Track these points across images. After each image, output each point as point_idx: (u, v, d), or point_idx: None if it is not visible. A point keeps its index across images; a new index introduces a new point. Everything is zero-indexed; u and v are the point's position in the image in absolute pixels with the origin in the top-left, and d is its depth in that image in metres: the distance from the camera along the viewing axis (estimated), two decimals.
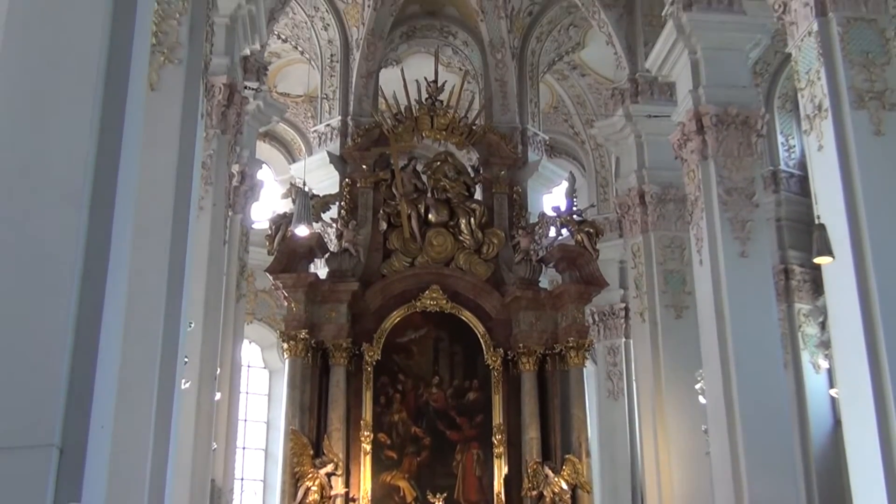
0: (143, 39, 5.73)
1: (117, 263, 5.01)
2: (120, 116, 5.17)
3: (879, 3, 9.78)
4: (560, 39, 20.05)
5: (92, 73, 5.05)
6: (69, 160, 4.87)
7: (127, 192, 5.24)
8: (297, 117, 22.12)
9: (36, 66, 5.01)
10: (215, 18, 9.96)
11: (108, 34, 5.20)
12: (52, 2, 5.15)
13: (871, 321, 8.80)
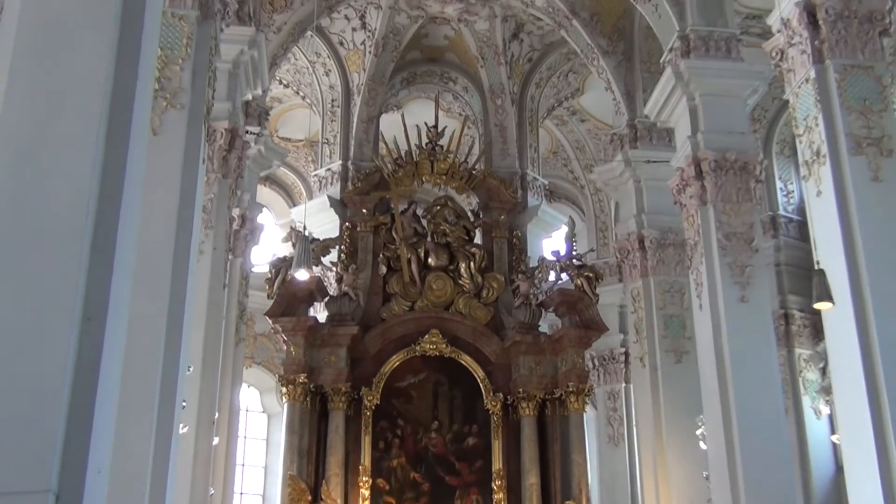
0: (146, 84, 5.78)
1: (117, 306, 5.00)
2: (122, 161, 5.19)
3: (876, 51, 9.87)
4: (559, 85, 20.23)
5: (94, 117, 5.09)
6: (71, 204, 4.88)
7: (127, 235, 5.25)
8: (297, 161, 22.24)
9: (39, 109, 5.04)
10: (218, 64, 10.04)
11: (111, 79, 5.24)
12: (56, 46, 5.20)
13: (871, 367, 8.77)
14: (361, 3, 17.90)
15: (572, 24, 17.25)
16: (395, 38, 18.58)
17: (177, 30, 8.59)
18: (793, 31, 10.02)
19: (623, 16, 17.29)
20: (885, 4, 9.97)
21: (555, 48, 19.23)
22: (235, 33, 12.56)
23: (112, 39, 5.30)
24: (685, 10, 14.16)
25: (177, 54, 8.50)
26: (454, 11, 18.04)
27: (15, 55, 5.13)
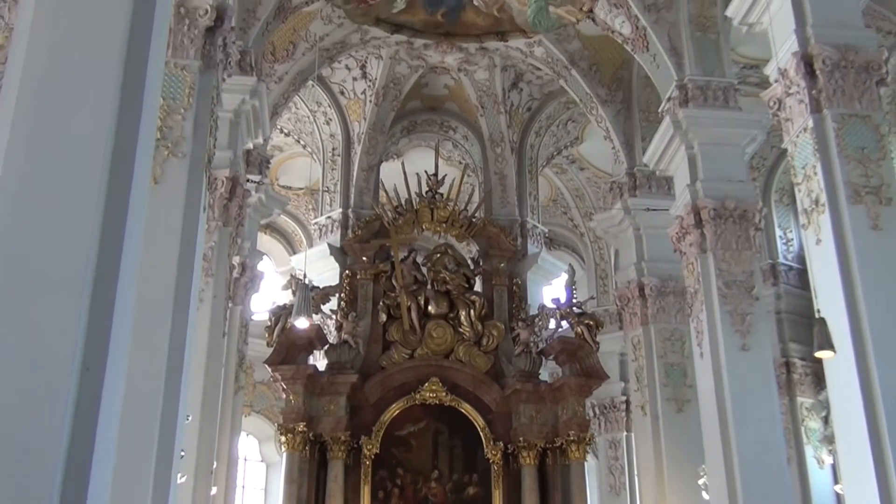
0: (149, 134, 5.82)
1: (116, 356, 5.00)
2: (123, 210, 5.22)
3: (873, 100, 9.94)
4: (559, 134, 20.36)
5: (96, 167, 5.12)
6: (71, 253, 4.90)
7: (127, 285, 5.25)
8: (298, 209, 22.29)
9: (42, 158, 5.08)
10: (219, 113, 10.12)
11: (113, 129, 5.28)
12: (59, 96, 5.25)
13: (874, 416, 8.72)
14: (362, 54, 18.07)
15: (571, 74, 17.41)
16: (396, 87, 18.74)
17: (179, 80, 8.67)
18: (790, 81, 10.10)
19: (622, 66, 17.45)
20: (881, 55, 10.06)
21: (554, 97, 19.38)
22: (237, 83, 12.65)
23: (115, 90, 5.35)
24: (683, 60, 14.30)
25: (179, 104, 8.57)
26: (454, 61, 18.21)
27: (19, 103, 5.18)
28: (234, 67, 11.90)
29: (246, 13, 14.01)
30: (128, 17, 5.56)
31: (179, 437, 7.99)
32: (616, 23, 15.25)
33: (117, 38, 5.47)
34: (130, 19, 5.57)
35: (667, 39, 14.44)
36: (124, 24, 5.53)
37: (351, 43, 17.30)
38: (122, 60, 5.44)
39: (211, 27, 9.28)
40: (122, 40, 5.49)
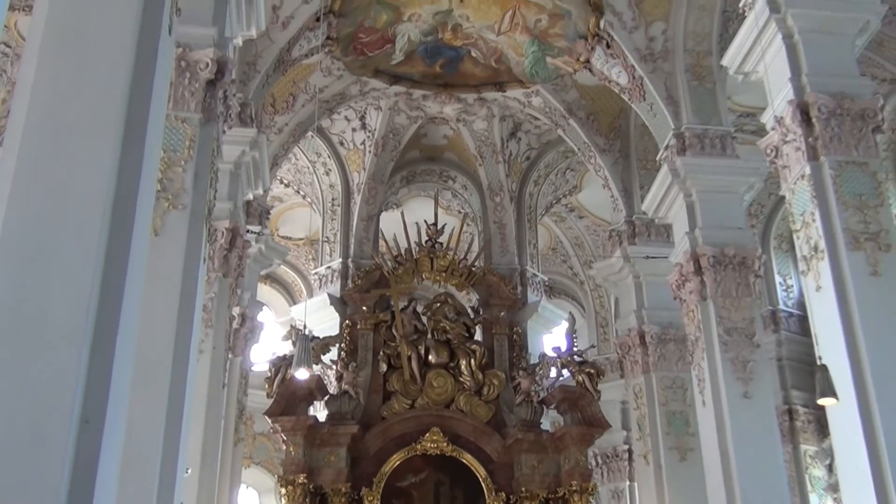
0: (149, 187, 5.85)
1: (115, 409, 4.98)
2: (123, 262, 5.23)
3: (870, 147, 9.98)
4: (557, 183, 20.45)
5: (96, 219, 5.14)
6: (71, 305, 4.90)
7: (127, 335, 5.25)
8: (298, 260, 22.33)
9: (42, 210, 5.11)
10: (220, 165, 10.17)
11: (114, 181, 5.31)
12: (60, 149, 5.29)
13: (878, 463, 8.65)
14: (362, 105, 18.22)
15: (569, 124, 17.53)
16: (395, 137, 18.86)
17: (180, 132, 8.73)
18: (787, 129, 10.15)
19: (619, 115, 17.58)
20: (877, 102, 10.13)
21: (552, 146, 19.50)
22: (237, 134, 12.74)
23: (116, 143, 5.39)
24: (680, 108, 14.42)
25: (180, 156, 8.61)
26: (453, 112, 18.35)
27: (20, 156, 5.21)
28: (235, 119, 11.99)
29: (246, 66, 14.16)
30: (129, 70, 5.62)
31: (179, 490, 7.92)
32: (613, 73, 15.40)
33: (119, 92, 5.52)
34: (132, 73, 5.63)
35: (663, 89, 14.58)
36: (126, 77, 5.58)
37: (350, 94, 17.44)
38: (123, 114, 5.49)
39: (212, 80, 9.36)
40: (124, 94, 5.54)
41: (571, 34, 15.71)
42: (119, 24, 5.73)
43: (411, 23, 15.97)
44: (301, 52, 15.16)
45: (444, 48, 16.59)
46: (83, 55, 5.57)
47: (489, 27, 16.06)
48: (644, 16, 14.68)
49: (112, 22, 5.73)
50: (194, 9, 8.98)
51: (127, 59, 5.62)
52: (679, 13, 14.49)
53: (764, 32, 10.58)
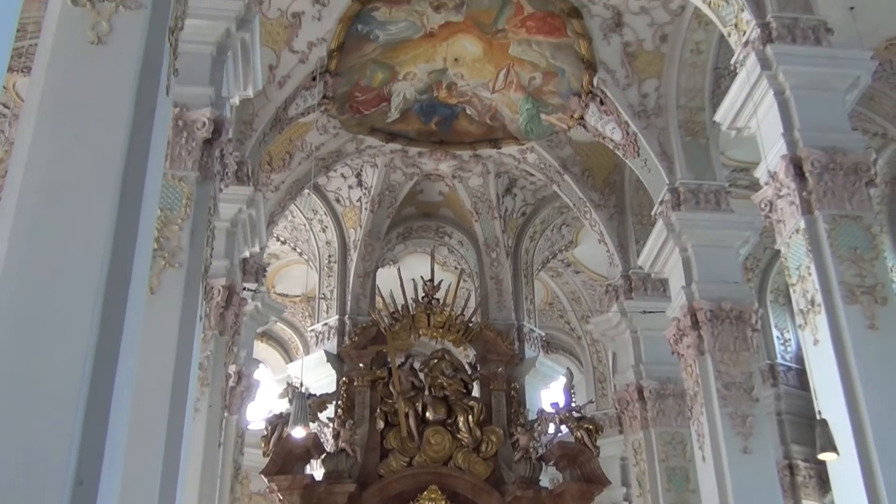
0: (146, 246, 5.86)
1: (110, 470, 4.93)
2: (119, 321, 5.21)
3: (864, 201, 10.01)
4: (553, 238, 20.51)
5: (93, 278, 5.14)
6: (67, 364, 4.88)
7: (123, 396, 5.22)
8: (294, 317, 22.29)
9: (39, 270, 5.10)
10: (216, 223, 10.18)
11: (111, 240, 5.32)
12: (57, 208, 5.30)
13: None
14: (358, 162, 18.33)
15: (564, 179, 17.63)
16: (391, 194, 18.95)
17: (177, 191, 8.76)
18: (780, 184, 10.21)
19: (613, 170, 17.69)
20: (869, 156, 10.19)
21: (548, 202, 19.59)
22: (234, 192, 12.78)
23: (113, 202, 5.41)
24: (674, 164, 14.52)
25: (176, 214, 8.64)
26: (448, 168, 18.45)
27: (17, 215, 5.22)
28: (232, 178, 12.05)
29: (243, 125, 14.27)
30: (126, 130, 5.66)
31: None
32: (607, 129, 15.54)
33: (116, 152, 5.55)
34: (129, 133, 5.66)
35: (657, 144, 14.69)
36: (123, 137, 5.62)
37: (346, 152, 17.56)
38: (120, 173, 5.51)
39: (209, 139, 9.42)
40: (121, 153, 5.57)
41: (565, 91, 15.88)
42: (117, 84, 5.79)
43: (407, 81, 16.14)
44: (297, 110, 15.29)
45: (439, 106, 16.75)
46: (81, 115, 5.61)
47: (484, 85, 16.23)
48: (637, 73, 14.85)
49: (110, 82, 5.78)
50: (192, 69, 9.07)
51: (124, 120, 5.66)
52: (671, 70, 14.67)
53: (756, 89, 10.68)
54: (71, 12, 5.96)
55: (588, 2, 14.30)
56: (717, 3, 11.60)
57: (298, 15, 14.32)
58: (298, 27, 14.44)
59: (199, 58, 9.67)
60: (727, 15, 11.52)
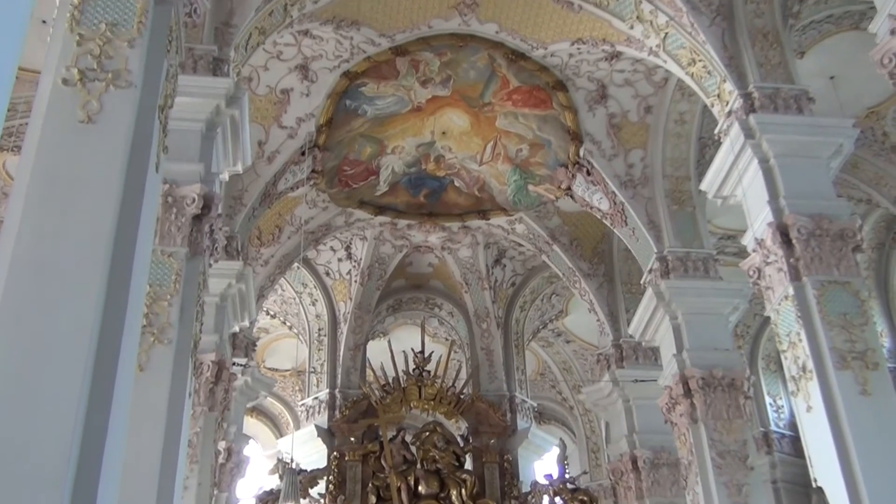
0: (135, 322, 5.84)
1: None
2: (107, 399, 5.18)
3: (851, 267, 10.06)
4: (543, 308, 20.51)
5: (81, 356, 5.11)
6: (54, 443, 4.82)
7: (111, 475, 5.16)
8: (284, 391, 22.13)
9: (27, 347, 5.08)
10: (206, 298, 10.16)
11: (99, 318, 5.31)
12: (46, 285, 5.29)
13: None
14: (347, 235, 18.38)
15: (553, 249, 17.70)
16: (381, 267, 18.97)
17: (166, 267, 8.75)
18: (768, 251, 10.26)
19: (602, 240, 17.77)
20: (854, 222, 10.26)
21: (537, 272, 19.63)
22: (224, 267, 12.78)
23: (102, 280, 5.40)
24: (662, 233, 14.61)
25: (165, 290, 8.62)
26: (437, 240, 18.51)
27: (6, 292, 5.21)
28: (221, 252, 12.07)
29: (232, 200, 14.34)
30: (116, 208, 5.68)
31: None
32: (594, 199, 15.65)
33: (105, 229, 5.57)
34: (119, 210, 5.68)
35: (644, 214, 14.80)
36: (113, 215, 5.63)
37: (336, 225, 17.62)
38: (109, 250, 5.52)
39: (198, 215, 9.44)
40: (111, 231, 5.58)
41: (552, 162, 16.03)
42: (106, 162, 5.82)
43: (395, 155, 16.29)
44: (287, 185, 15.38)
45: (427, 178, 16.88)
46: (70, 193, 5.63)
47: (471, 157, 16.38)
48: (622, 144, 15.03)
49: (99, 161, 5.81)
50: (181, 146, 9.15)
51: (114, 197, 5.69)
52: (656, 141, 14.85)
53: (740, 158, 10.80)
54: (61, 92, 6.02)
55: (573, 75, 14.52)
56: (700, 74, 11.80)
57: (287, 91, 14.51)
58: (287, 103, 14.62)
59: (189, 134, 9.75)
60: (710, 86, 11.71)
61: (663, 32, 12.02)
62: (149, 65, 6.38)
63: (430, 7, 13.44)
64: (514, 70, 14.63)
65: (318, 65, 14.32)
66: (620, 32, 12.71)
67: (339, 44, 13.95)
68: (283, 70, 14.27)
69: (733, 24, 11.52)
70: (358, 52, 14.16)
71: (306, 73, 14.36)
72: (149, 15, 6.53)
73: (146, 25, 6.47)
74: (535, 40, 13.88)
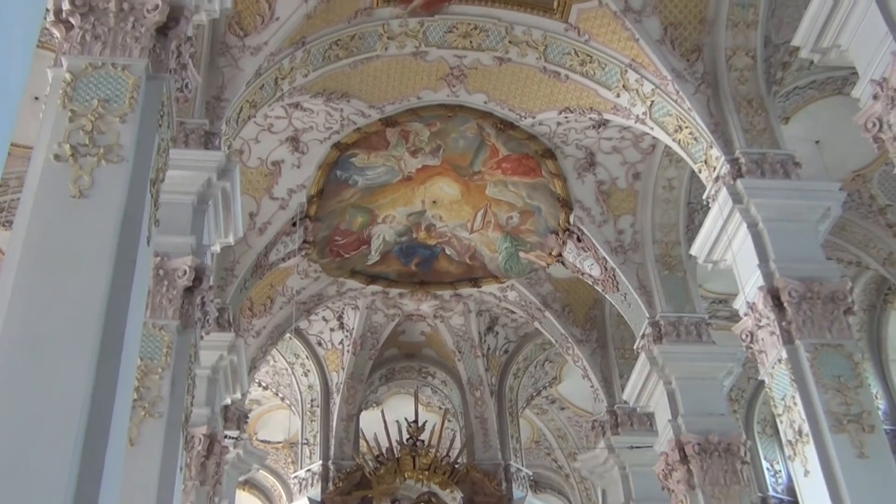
0: (125, 396, 5.80)
1: None
2: (98, 475, 5.11)
3: (843, 329, 10.05)
4: (537, 375, 20.44)
5: (71, 431, 5.06)
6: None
7: None
8: (277, 463, 21.90)
9: (17, 422, 5.03)
10: (197, 371, 10.09)
11: (90, 391, 5.26)
12: (37, 359, 5.27)
13: None
14: (339, 305, 18.37)
15: (545, 316, 17.69)
16: (373, 336, 18.93)
17: (157, 340, 8.71)
18: (760, 314, 10.26)
19: (594, 305, 17.79)
20: (845, 285, 10.27)
21: (530, 339, 19.61)
22: (215, 339, 12.72)
23: (93, 354, 5.38)
24: (653, 298, 14.62)
25: (156, 364, 8.56)
26: (429, 308, 18.51)
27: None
28: (213, 324, 12.00)
29: (224, 272, 14.34)
30: (107, 282, 5.67)
31: None
32: (585, 265, 15.70)
33: (96, 303, 5.55)
34: (110, 284, 5.67)
35: (635, 279, 14.83)
36: (104, 289, 5.62)
37: (327, 295, 17.62)
38: (101, 324, 5.49)
39: (189, 287, 9.42)
40: (102, 304, 5.56)
41: (542, 229, 16.11)
42: (98, 236, 5.83)
43: (386, 224, 16.36)
44: (278, 256, 15.41)
45: (418, 247, 16.94)
46: (62, 268, 5.63)
47: (462, 225, 16.46)
48: (612, 210, 15.13)
49: (91, 235, 5.82)
50: (173, 219, 9.17)
51: (105, 271, 5.68)
52: (645, 206, 14.96)
53: (729, 222, 10.87)
54: (53, 167, 6.05)
55: (561, 143, 14.67)
56: (687, 140, 11.93)
57: (278, 163, 14.62)
58: (278, 175, 14.72)
59: (181, 207, 9.78)
60: (697, 152, 11.83)
61: (649, 100, 12.18)
62: (140, 139, 6.42)
63: (419, 79, 13.61)
64: (503, 139, 14.78)
65: (308, 136, 14.45)
66: (607, 101, 12.88)
67: (329, 116, 14.09)
68: (274, 142, 14.39)
69: (718, 92, 11.68)
70: (348, 123, 14.30)
71: (297, 145, 14.49)
72: (141, 90, 6.60)
73: (138, 101, 6.53)
74: (523, 109, 14.05)
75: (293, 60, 11.92)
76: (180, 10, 7.23)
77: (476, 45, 12.92)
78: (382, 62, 13.06)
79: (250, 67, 11.30)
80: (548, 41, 12.62)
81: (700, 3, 11.69)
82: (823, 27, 8.35)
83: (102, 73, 6.60)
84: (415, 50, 12.91)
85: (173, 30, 7.16)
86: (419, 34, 12.68)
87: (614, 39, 12.08)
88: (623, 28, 11.85)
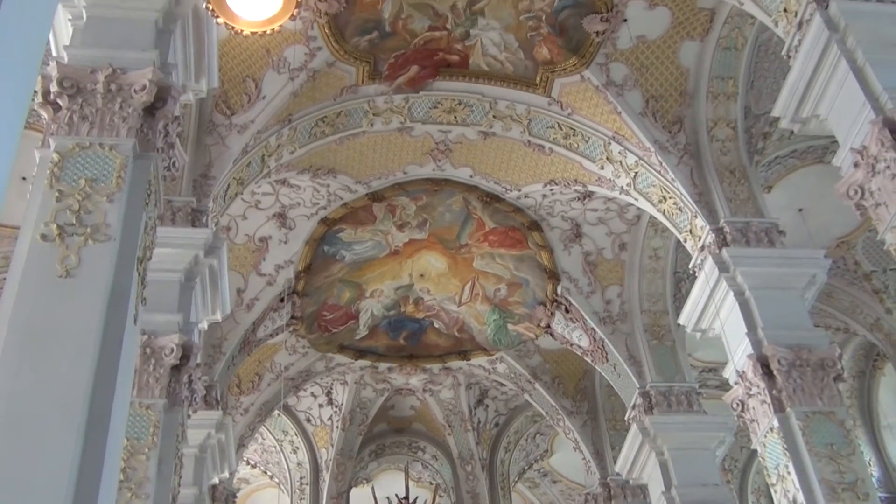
0: (111, 477, 5.71)
1: None
2: None
3: (834, 396, 10.02)
4: (528, 448, 20.26)
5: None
6: None
7: None
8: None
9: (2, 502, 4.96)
10: (184, 450, 9.97)
11: (76, 473, 5.19)
12: (22, 439, 5.21)
13: None
14: (327, 380, 18.25)
15: (535, 388, 17.61)
16: (362, 411, 18.79)
17: (144, 419, 8.60)
18: (750, 383, 10.23)
19: (584, 376, 17.72)
20: (834, 351, 10.26)
21: (520, 411, 19.49)
22: (203, 417, 12.58)
23: (78, 434, 5.32)
24: (643, 368, 14.59)
25: (143, 443, 8.45)
26: (419, 382, 18.41)
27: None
28: (200, 402, 11.88)
29: (212, 348, 14.25)
30: (93, 361, 5.63)
31: None
32: (574, 336, 15.68)
33: (82, 383, 5.50)
34: (96, 363, 5.63)
35: (625, 349, 14.81)
36: (90, 368, 5.58)
37: (316, 371, 17.51)
38: (87, 404, 5.44)
39: (177, 365, 9.35)
40: (87, 383, 5.51)
41: (530, 301, 16.12)
42: (84, 316, 5.80)
43: (374, 299, 16.35)
44: (266, 332, 15.35)
45: (407, 321, 16.91)
46: (47, 347, 5.59)
47: (450, 299, 16.46)
48: (599, 281, 15.17)
49: (77, 314, 5.79)
50: (160, 297, 9.12)
51: (91, 351, 5.65)
52: (632, 277, 15.01)
53: (716, 291, 10.90)
54: (40, 247, 6.04)
55: (546, 215, 14.76)
56: (671, 211, 12.02)
57: (265, 239, 14.65)
58: (266, 251, 14.74)
59: (168, 285, 9.75)
60: (682, 222, 11.91)
61: (633, 172, 12.30)
62: (127, 218, 6.43)
63: (405, 154, 13.73)
64: (490, 212, 14.87)
65: (295, 212, 14.51)
66: (591, 173, 13.01)
67: (316, 191, 14.17)
68: (261, 218, 14.44)
69: (700, 162, 11.82)
70: (335, 198, 14.38)
71: (284, 221, 14.53)
72: (128, 170, 6.62)
73: (125, 180, 6.55)
74: (508, 183, 14.16)
75: (280, 138, 12.03)
76: (168, 90, 7.29)
77: (461, 120, 13.08)
78: (368, 138, 13.19)
79: (237, 145, 11.39)
80: (531, 115, 12.79)
81: (680, 76, 11.89)
82: (802, 97, 8.47)
83: (90, 153, 6.63)
84: (400, 125, 13.05)
85: (161, 109, 7.21)
86: (404, 110, 12.84)
87: (597, 113, 12.25)
88: (605, 101, 12.03)
